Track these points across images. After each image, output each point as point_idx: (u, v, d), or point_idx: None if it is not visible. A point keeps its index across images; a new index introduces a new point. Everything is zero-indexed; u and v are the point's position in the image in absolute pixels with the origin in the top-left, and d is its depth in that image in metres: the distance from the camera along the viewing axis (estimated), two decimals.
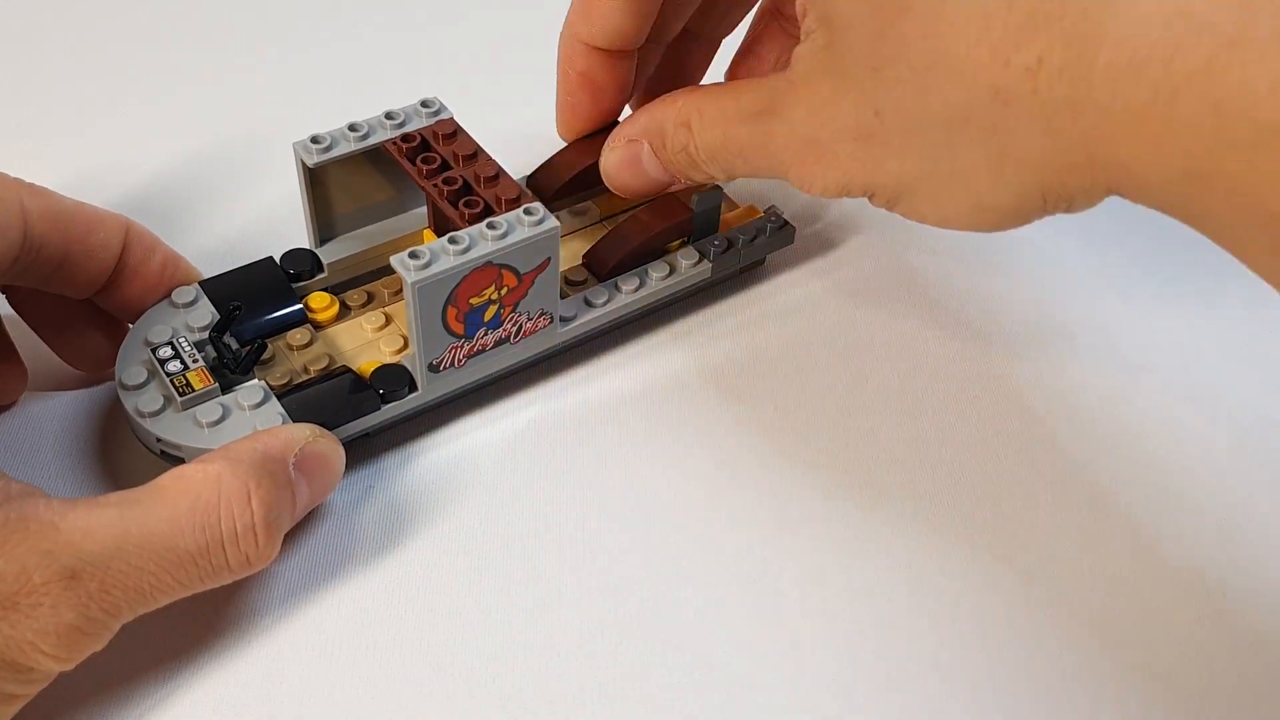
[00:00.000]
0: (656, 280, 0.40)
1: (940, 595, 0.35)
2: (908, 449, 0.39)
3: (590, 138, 0.43)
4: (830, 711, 0.33)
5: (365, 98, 0.50)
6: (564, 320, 0.39)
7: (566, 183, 0.42)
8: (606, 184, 0.39)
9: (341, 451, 0.35)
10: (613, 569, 0.35)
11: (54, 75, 0.52)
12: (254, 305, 0.38)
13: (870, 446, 0.39)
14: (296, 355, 0.38)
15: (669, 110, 0.36)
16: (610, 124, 0.41)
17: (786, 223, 0.43)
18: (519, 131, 0.43)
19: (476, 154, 0.37)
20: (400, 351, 0.38)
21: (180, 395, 0.34)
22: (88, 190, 0.44)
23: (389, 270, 0.41)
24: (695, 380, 0.41)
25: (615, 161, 0.38)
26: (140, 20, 0.55)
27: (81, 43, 0.53)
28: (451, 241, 0.34)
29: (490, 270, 0.35)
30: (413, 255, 0.34)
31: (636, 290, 0.40)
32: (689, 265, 0.41)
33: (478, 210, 0.36)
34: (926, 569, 0.36)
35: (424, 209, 0.41)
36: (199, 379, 0.35)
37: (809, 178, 0.33)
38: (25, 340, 0.38)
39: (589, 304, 0.40)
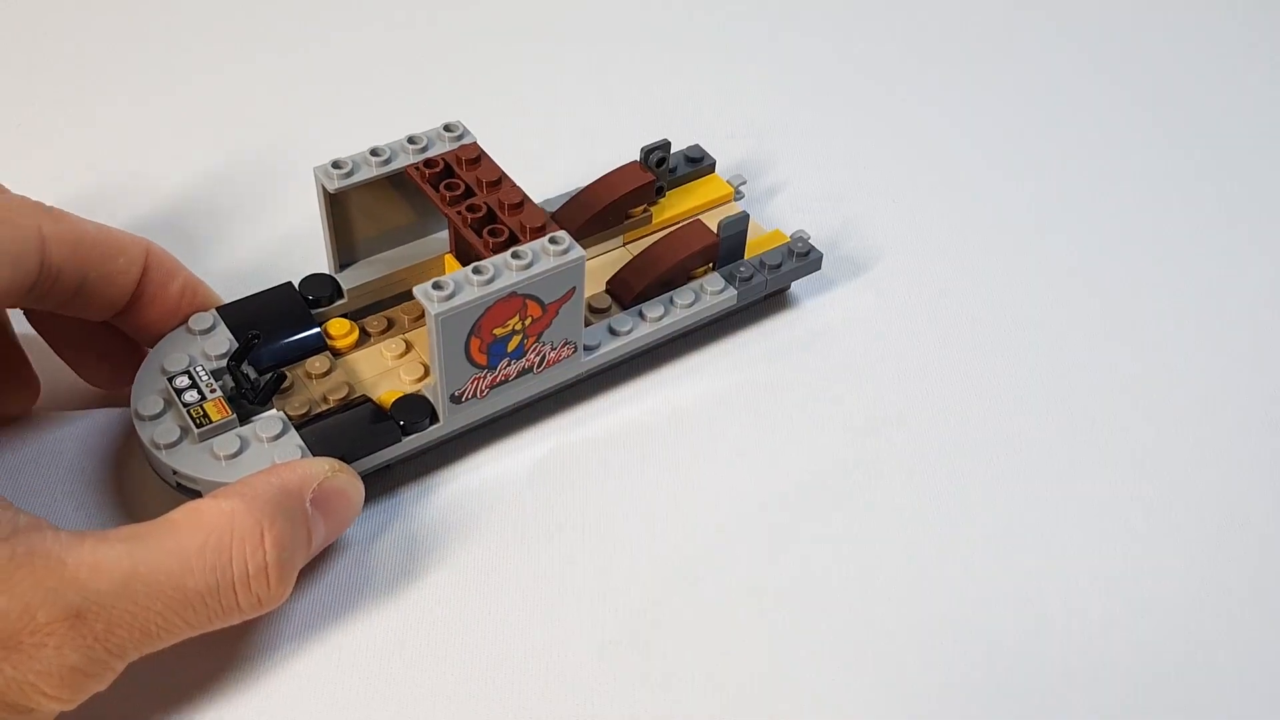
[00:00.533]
0: (681, 308, 0.40)
1: (961, 617, 0.34)
2: (928, 474, 0.38)
3: (617, 173, 0.42)
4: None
5: (387, 119, 0.50)
6: (588, 349, 0.38)
7: (592, 218, 0.41)
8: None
9: (360, 486, 0.34)
10: (634, 604, 0.35)
11: (79, 92, 0.51)
12: (272, 332, 0.37)
13: (891, 470, 0.38)
14: (315, 384, 0.37)
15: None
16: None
17: (813, 249, 0.42)
18: (544, 156, 0.42)
19: (500, 180, 0.37)
20: (421, 380, 0.37)
21: (197, 426, 0.34)
22: (109, 206, 0.43)
23: (409, 295, 0.40)
24: (718, 408, 0.40)
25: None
26: (163, 39, 0.54)
27: (107, 60, 0.53)
28: (475, 271, 0.33)
29: (515, 300, 0.34)
30: (436, 286, 0.33)
31: (661, 318, 0.39)
32: (714, 292, 0.40)
33: (502, 239, 0.35)
34: (947, 586, 0.35)
35: (445, 233, 0.40)
36: (216, 410, 0.34)
37: None
38: (42, 354, 0.37)
39: (613, 332, 0.39)
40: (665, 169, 0.43)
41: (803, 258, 0.42)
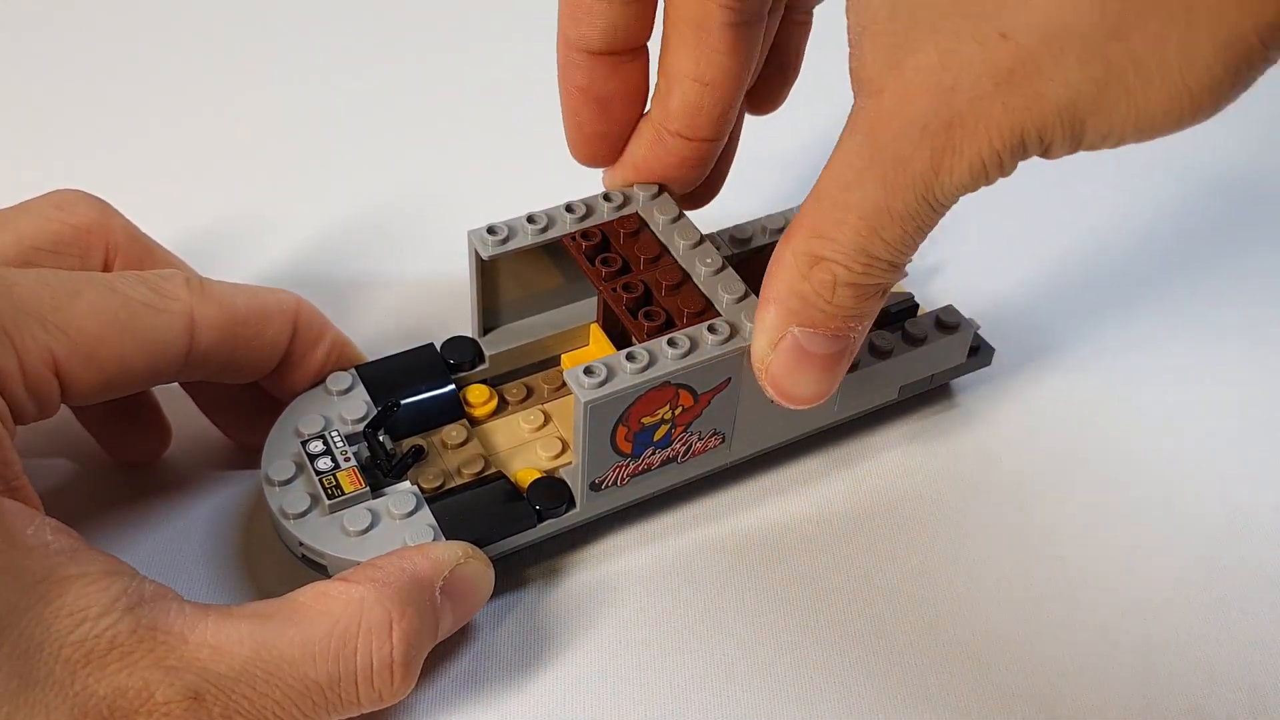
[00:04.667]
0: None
1: None
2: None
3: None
4: None
5: (540, 176, 0.48)
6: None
7: None
8: (789, 405, 0.31)
9: (491, 574, 0.32)
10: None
11: (240, 135, 0.51)
12: (411, 395, 0.36)
13: (1079, 569, 0.35)
14: (450, 454, 0.35)
15: (782, 271, 0.28)
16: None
17: (984, 343, 0.39)
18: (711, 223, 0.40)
19: (660, 256, 0.35)
20: (557, 457, 0.36)
21: (328, 498, 0.32)
22: (263, 247, 0.43)
23: (550, 363, 0.38)
24: (872, 510, 0.37)
25: (783, 376, 0.30)
26: (323, 91, 0.53)
27: (272, 106, 0.52)
28: (629, 358, 0.31)
29: (667, 390, 0.32)
30: (588, 372, 0.31)
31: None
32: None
33: (658, 324, 0.33)
34: None
35: (593, 299, 0.39)
36: (349, 481, 0.33)
37: (971, 164, 0.25)
38: (175, 399, 0.37)
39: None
40: None
41: (972, 353, 0.39)
